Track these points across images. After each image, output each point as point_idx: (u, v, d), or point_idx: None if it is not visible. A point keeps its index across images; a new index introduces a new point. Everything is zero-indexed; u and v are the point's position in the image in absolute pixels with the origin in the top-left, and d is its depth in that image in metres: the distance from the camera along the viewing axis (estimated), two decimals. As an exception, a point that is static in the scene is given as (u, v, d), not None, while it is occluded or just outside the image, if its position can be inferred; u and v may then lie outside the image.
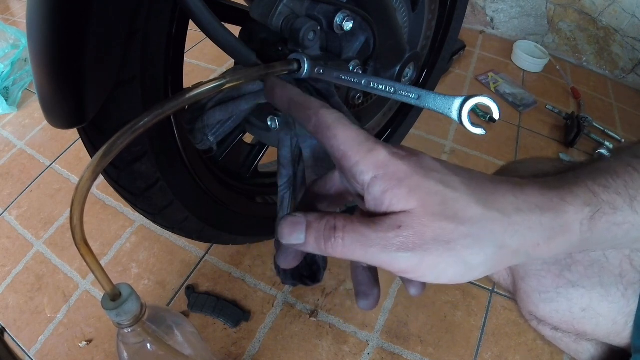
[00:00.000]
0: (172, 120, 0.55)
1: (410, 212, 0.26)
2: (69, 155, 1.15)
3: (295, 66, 0.49)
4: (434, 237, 0.26)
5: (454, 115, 0.40)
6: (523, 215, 0.27)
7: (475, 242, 0.26)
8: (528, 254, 0.28)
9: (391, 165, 0.28)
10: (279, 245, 0.35)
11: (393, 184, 0.27)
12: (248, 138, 0.74)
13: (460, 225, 0.26)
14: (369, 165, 0.28)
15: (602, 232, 0.29)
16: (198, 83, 0.41)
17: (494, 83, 1.46)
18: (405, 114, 1.00)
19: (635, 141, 0.37)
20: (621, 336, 0.42)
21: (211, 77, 0.70)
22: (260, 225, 0.83)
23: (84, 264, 0.34)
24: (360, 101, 0.67)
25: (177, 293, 0.86)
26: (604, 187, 0.29)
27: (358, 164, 0.28)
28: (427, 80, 0.98)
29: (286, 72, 0.49)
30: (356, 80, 0.48)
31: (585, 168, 0.32)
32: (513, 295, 0.43)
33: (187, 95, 0.40)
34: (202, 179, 0.64)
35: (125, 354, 0.43)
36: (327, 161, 0.58)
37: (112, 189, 0.57)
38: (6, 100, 1.26)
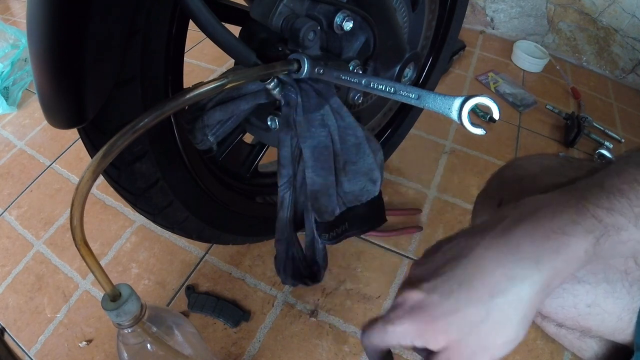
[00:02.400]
0: (173, 120, 0.55)
1: None
2: (69, 155, 1.15)
3: (295, 66, 0.49)
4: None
5: (454, 115, 0.40)
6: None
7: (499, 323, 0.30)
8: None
9: None
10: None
11: None
12: (248, 138, 0.74)
13: None
14: None
15: (606, 251, 0.30)
16: (198, 83, 0.42)
17: (494, 83, 1.45)
18: (406, 114, 1.00)
19: (638, 147, 0.38)
20: (626, 333, 0.42)
21: (211, 77, 0.70)
22: (260, 225, 0.83)
23: (84, 264, 0.34)
24: (360, 101, 0.67)
25: (177, 293, 0.86)
26: (607, 210, 0.30)
27: None
28: (427, 80, 0.98)
29: (286, 72, 0.49)
30: (356, 80, 0.48)
31: (589, 185, 0.33)
32: None
33: (187, 96, 0.40)
34: (202, 179, 0.64)
35: (125, 354, 0.43)
36: (327, 162, 0.58)
37: (112, 188, 0.57)
38: (6, 100, 1.26)
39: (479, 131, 0.39)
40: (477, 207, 0.51)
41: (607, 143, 1.27)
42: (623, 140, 1.31)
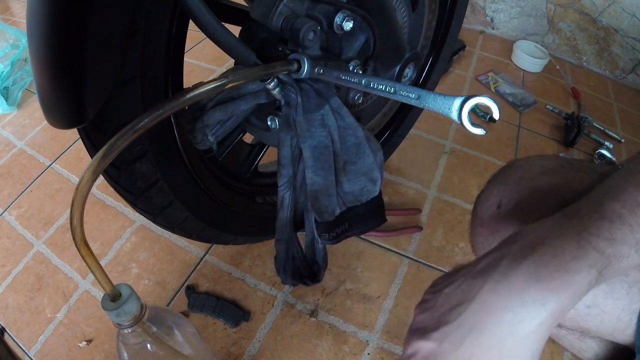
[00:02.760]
0: (172, 120, 0.55)
1: None
2: (69, 155, 1.15)
3: (295, 66, 0.49)
4: None
5: (454, 115, 0.40)
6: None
7: None
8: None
9: None
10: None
11: None
12: (248, 138, 0.74)
13: None
14: None
15: (608, 278, 0.30)
16: (198, 83, 0.42)
17: (494, 83, 1.46)
18: (406, 114, 1.00)
19: (635, 158, 0.37)
20: (625, 333, 0.42)
21: (211, 77, 0.70)
22: (260, 225, 0.83)
23: (84, 264, 0.34)
24: (360, 101, 0.67)
25: (177, 293, 0.86)
26: (609, 240, 0.30)
27: None
28: (427, 80, 0.98)
29: (286, 72, 0.49)
30: (356, 80, 0.48)
31: (589, 211, 0.32)
32: None
33: (187, 96, 0.40)
34: (202, 179, 0.64)
35: (125, 354, 0.43)
36: (327, 162, 0.58)
37: (112, 188, 0.57)
38: (6, 100, 1.26)
39: (479, 131, 0.39)
40: (477, 209, 0.51)
41: (607, 143, 1.27)
42: (623, 140, 1.31)
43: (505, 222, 0.46)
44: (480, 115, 1.29)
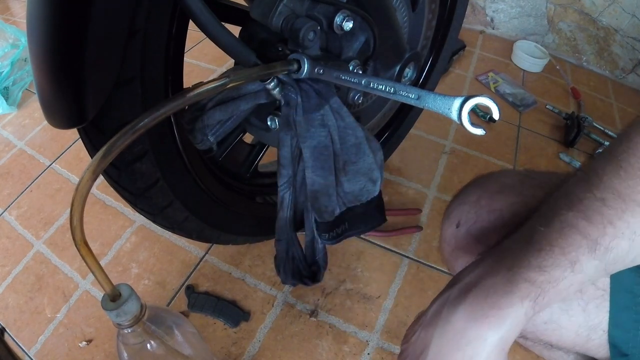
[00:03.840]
0: (173, 120, 0.55)
1: None
2: (69, 155, 1.15)
3: (295, 66, 0.49)
4: None
5: (454, 115, 0.40)
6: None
7: None
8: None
9: None
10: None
11: None
12: (248, 138, 0.74)
13: None
14: None
15: (549, 302, 0.32)
16: (198, 83, 0.42)
17: (493, 83, 1.45)
18: (406, 114, 1.00)
19: (565, 176, 0.38)
20: (586, 347, 0.43)
21: (211, 77, 0.70)
22: (260, 225, 0.83)
23: (84, 264, 0.34)
24: (360, 101, 0.67)
25: (177, 293, 0.86)
26: (539, 268, 0.32)
27: None
28: (427, 80, 0.98)
29: (286, 72, 0.49)
30: (356, 80, 0.48)
31: (520, 243, 0.34)
32: None
33: (187, 96, 0.40)
34: (202, 179, 0.64)
35: (125, 354, 0.43)
36: (327, 162, 0.58)
37: (112, 188, 0.57)
38: (6, 100, 1.26)
39: (478, 131, 0.39)
40: (441, 225, 0.53)
41: (607, 143, 1.27)
42: (623, 140, 1.31)
43: (462, 241, 0.48)
44: (480, 115, 1.29)
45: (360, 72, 0.62)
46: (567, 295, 0.32)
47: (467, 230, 0.47)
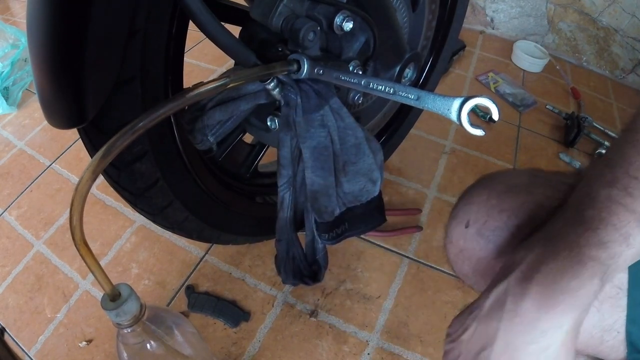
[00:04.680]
0: (172, 120, 0.55)
1: None
2: (69, 155, 1.15)
3: (295, 66, 0.49)
4: None
5: (453, 116, 0.40)
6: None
7: None
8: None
9: None
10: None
11: None
12: (248, 138, 0.74)
13: None
14: None
15: (609, 280, 0.31)
16: (198, 83, 0.42)
17: (493, 83, 1.46)
18: (406, 114, 1.00)
19: (596, 161, 0.38)
20: (599, 349, 0.42)
21: (211, 77, 0.70)
22: (260, 225, 0.83)
23: (84, 264, 0.34)
24: (360, 101, 0.67)
25: (177, 293, 0.87)
26: (600, 246, 0.31)
27: None
28: (427, 81, 0.98)
29: (286, 72, 0.49)
30: (356, 80, 0.48)
31: (573, 225, 0.33)
32: None
33: (187, 96, 0.40)
34: (202, 179, 0.64)
35: (125, 354, 0.43)
36: (327, 162, 0.58)
37: (112, 189, 0.57)
38: (6, 100, 1.26)
39: (478, 132, 0.39)
40: (447, 226, 0.52)
41: (607, 143, 1.27)
42: (622, 141, 1.31)
43: (471, 242, 0.47)
44: (480, 115, 1.29)
45: (360, 72, 0.62)
46: (618, 272, 0.32)
47: (477, 231, 0.46)
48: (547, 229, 0.35)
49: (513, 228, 0.43)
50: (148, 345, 0.42)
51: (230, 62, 1.42)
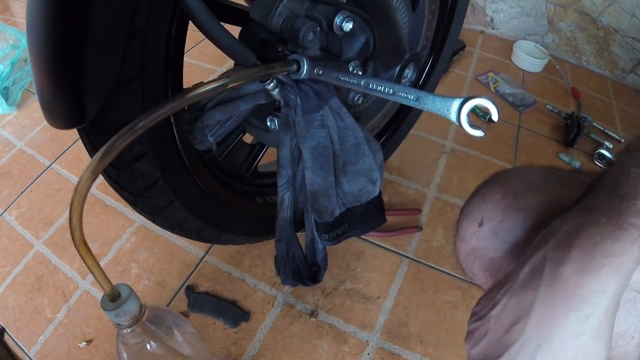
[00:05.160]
0: (172, 120, 0.55)
1: None
2: (69, 155, 1.15)
3: (295, 67, 0.49)
4: None
5: (453, 116, 0.40)
6: None
7: None
8: None
9: None
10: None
11: None
12: (248, 138, 0.74)
13: None
14: None
15: None
16: (198, 83, 0.42)
17: (493, 83, 1.46)
18: (405, 114, 1.00)
19: (628, 146, 0.37)
20: (611, 355, 0.41)
21: (211, 78, 0.70)
22: (260, 225, 0.83)
23: (84, 264, 0.34)
24: (360, 102, 0.67)
25: (177, 293, 0.87)
26: (638, 214, 0.30)
27: None
28: (427, 81, 0.98)
29: (285, 73, 0.49)
30: (355, 81, 0.48)
31: (605, 200, 0.32)
32: None
33: (187, 96, 0.40)
34: (202, 179, 0.64)
35: (124, 355, 0.43)
36: (327, 162, 0.58)
37: (112, 189, 0.57)
38: (6, 101, 1.26)
39: (477, 133, 0.39)
40: (459, 224, 0.50)
41: (606, 143, 1.27)
42: (623, 140, 1.31)
43: (485, 241, 0.45)
44: (480, 115, 1.29)
45: (360, 72, 0.62)
46: None
47: (491, 230, 0.45)
48: (580, 204, 0.34)
49: (529, 228, 0.42)
50: (148, 346, 0.42)
51: (230, 62, 1.42)
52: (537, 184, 0.45)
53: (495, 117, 0.38)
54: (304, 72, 0.49)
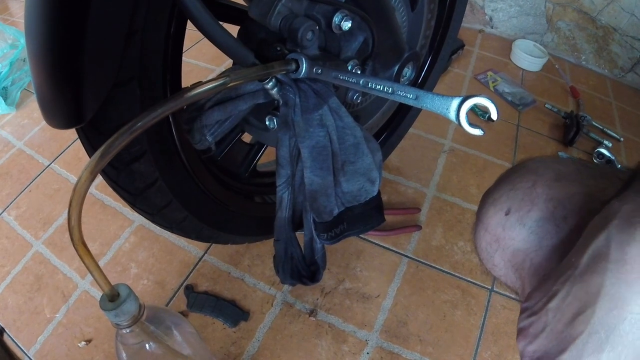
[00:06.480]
0: (171, 120, 0.55)
1: None
2: (68, 155, 1.15)
3: (294, 66, 0.49)
4: None
5: (452, 116, 0.40)
6: None
7: None
8: None
9: None
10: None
11: None
12: (247, 137, 0.74)
13: None
14: None
15: None
16: (197, 83, 0.42)
17: (492, 82, 1.46)
18: (405, 113, 1.00)
19: None
20: None
21: (210, 77, 0.69)
22: (259, 225, 0.83)
23: (83, 264, 0.34)
24: (359, 101, 0.67)
25: (176, 293, 0.87)
26: None
27: None
28: (426, 80, 0.98)
29: (284, 72, 0.49)
30: (354, 80, 0.48)
31: None
32: (521, 297, 0.42)
33: (186, 96, 0.40)
34: (200, 178, 0.64)
35: (124, 355, 0.43)
36: (325, 162, 0.58)
37: (111, 188, 0.57)
38: (5, 101, 1.26)
39: (476, 132, 0.39)
40: (482, 212, 0.47)
41: (606, 142, 1.27)
42: (622, 139, 1.31)
43: (512, 231, 0.43)
44: (479, 114, 1.29)
45: (359, 71, 0.62)
46: None
47: (519, 219, 0.42)
48: (632, 187, 0.32)
49: (559, 220, 0.39)
50: (147, 346, 0.42)
51: (228, 62, 1.41)
52: (569, 174, 0.43)
53: (494, 116, 0.38)
54: (303, 71, 0.49)
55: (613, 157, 1.20)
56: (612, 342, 0.28)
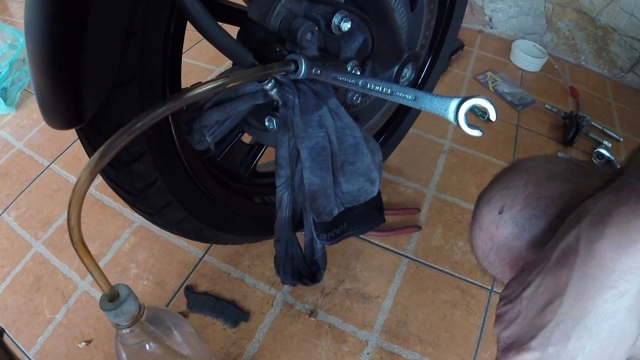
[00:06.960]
0: (170, 120, 0.55)
1: None
2: (67, 155, 1.15)
3: (293, 67, 0.49)
4: None
5: (451, 116, 0.40)
6: None
7: None
8: None
9: None
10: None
11: None
12: (246, 138, 0.74)
13: None
14: None
15: None
16: (196, 83, 0.42)
17: (492, 82, 1.46)
18: (404, 114, 1.00)
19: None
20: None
21: (210, 78, 0.69)
22: (259, 225, 0.83)
23: (83, 264, 0.34)
24: (358, 101, 0.67)
25: (176, 293, 0.87)
26: None
27: None
28: (426, 80, 0.98)
29: (284, 73, 0.49)
30: (353, 81, 0.48)
31: (633, 183, 0.31)
32: None
33: (185, 96, 0.40)
34: (200, 179, 0.64)
35: (124, 355, 0.43)
36: (325, 162, 0.58)
37: (110, 189, 0.57)
38: (4, 101, 1.26)
39: (475, 132, 0.39)
40: (477, 211, 0.49)
41: (605, 142, 1.27)
42: (621, 139, 1.31)
43: (505, 229, 0.44)
44: (478, 114, 1.29)
45: (359, 72, 0.62)
46: None
47: (512, 217, 0.43)
48: (610, 186, 0.33)
49: (551, 218, 0.41)
50: (147, 346, 0.42)
51: (228, 62, 1.41)
52: (561, 173, 0.44)
53: (493, 116, 0.38)
54: (302, 72, 0.49)
55: (612, 158, 1.20)
56: (577, 332, 0.29)
